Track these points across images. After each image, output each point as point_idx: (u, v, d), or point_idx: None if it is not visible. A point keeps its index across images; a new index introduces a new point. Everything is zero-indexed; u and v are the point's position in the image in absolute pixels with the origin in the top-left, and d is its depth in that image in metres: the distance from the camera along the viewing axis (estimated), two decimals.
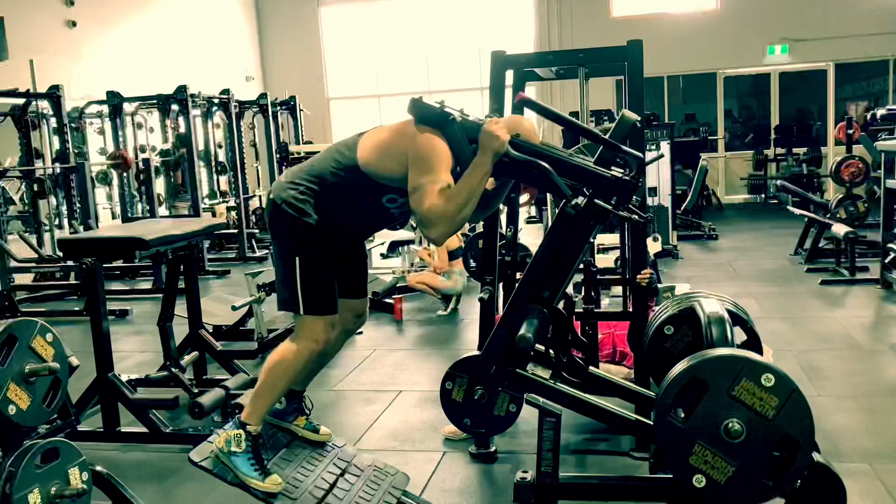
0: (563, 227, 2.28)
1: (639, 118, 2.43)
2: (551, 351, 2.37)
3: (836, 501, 2.10)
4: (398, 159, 2.36)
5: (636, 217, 2.32)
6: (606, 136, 2.31)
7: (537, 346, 2.38)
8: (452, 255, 6.39)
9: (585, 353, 2.54)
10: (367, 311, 2.90)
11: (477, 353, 2.66)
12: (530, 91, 12.91)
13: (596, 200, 2.22)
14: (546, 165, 2.24)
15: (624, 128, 2.34)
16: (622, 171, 2.26)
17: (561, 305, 2.42)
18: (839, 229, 6.98)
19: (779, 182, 10.39)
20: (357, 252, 2.74)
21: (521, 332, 2.19)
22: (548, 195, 7.18)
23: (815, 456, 2.06)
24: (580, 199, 2.24)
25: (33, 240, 7.96)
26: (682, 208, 10.11)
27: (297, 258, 2.45)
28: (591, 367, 2.52)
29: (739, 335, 2.58)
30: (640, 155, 2.27)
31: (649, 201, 8.00)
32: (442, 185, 2.26)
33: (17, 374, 2.46)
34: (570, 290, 4.97)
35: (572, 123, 2.41)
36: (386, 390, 4.56)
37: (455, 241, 6.40)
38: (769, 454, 1.89)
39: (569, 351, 2.39)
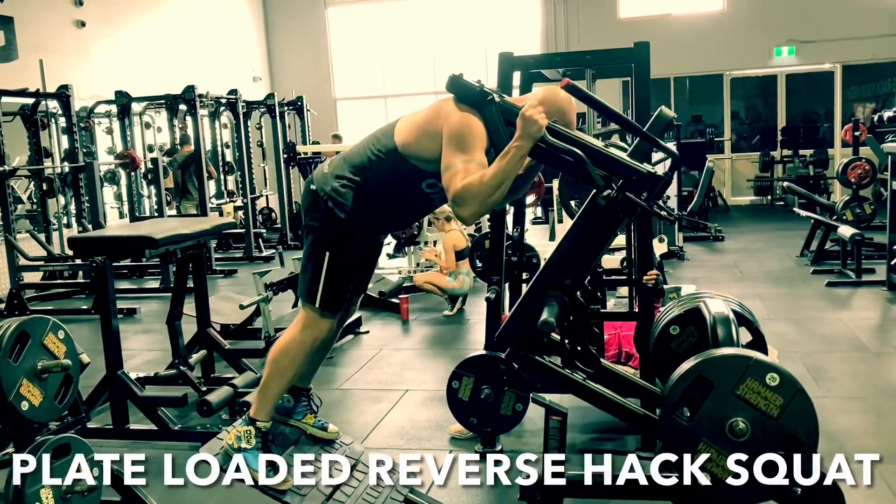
0: (592, 217, 2.28)
1: (675, 115, 2.43)
2: (566, 339, 2.37)
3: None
4: (435, 138, 2.33)
5: (665, 214, 2.32)
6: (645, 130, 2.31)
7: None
8: (460, 255, 6.40)
9: (596, 349, 2.55)
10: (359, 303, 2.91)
11: (484, 352, 2.68)
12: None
13: (627, 193, 2.22)
14: (582, 154, 2.22)
15: (661, 123, 2.34)
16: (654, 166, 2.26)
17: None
18: (845, 231, 6.98)
19: (785, 184, 10.37)
20: (378, 248, 2.77)
21: (544, 316, 2.19)
22: (554, 196, 7.20)
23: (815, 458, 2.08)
24: (611, 191, 2.24)
25: (42, 238, 8.01)
26: (689, 209, 10.11)
27: (328, 253, 2.47)
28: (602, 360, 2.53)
29: (745, 336, 2.60)
30: (676, 152, 2.27)
31: None
32: (476, 165, 2.23)
33: (30, 370, 2.50)
34: None
35: (616, 114, 2.38)
36: (393, 389, 4.58)
37: (462, 242, 6.42)
38: (774, 453, 1.91)
39: (584, 341, 2.39)
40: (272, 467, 2.50)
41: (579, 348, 2.38)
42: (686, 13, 13.71)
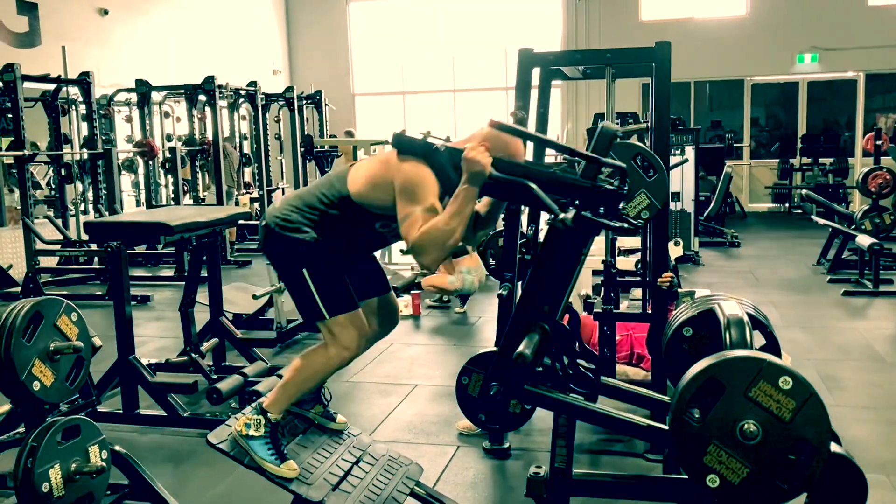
0: (555, 241, 2.30)
1: (619, 130, 2.47)
2: (556, 365, 2.39)
3: (857, 494, 2.10)
4: (386, 189, 2.40)
5: (626, 226, 2.35)
6: (588, 150, 2.33)
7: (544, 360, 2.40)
8: (458, 252, 6.34)
9: (597, 361, 2.54)
10: (398, 312, 2.92)
11: (493, 349, 2.67)
12: (555, 92, 12.83)
13: (582, 213, 2.24)
14: (529, 184, 2.26)
15: (605, 139, 2.37)
16: (611, 181, 2.27)
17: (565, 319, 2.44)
18: (864, 241, 6.92)
19: (804, 191, 10.29)
20: (364, 256, 2.78)
21: (520, 349, 2.21)
22: None
23: (836, 448, 2.06)
24: (570, 214, 2.25)
25: (59, 223, 8.07)
26: (705, 215, 10.06)
27: (305, 270, 2.49)
28: (602, 377, 2.52)
29: (759, 339, 2.57)
30: (623, 165, 2.28)
31: (672, 206, 7.96)
32: (430, 213, 2.30)
33: (43, 351, 2.51)
34: (589, 291, 4.97)
35: (548, 142, 2.49)
36: (402, 383, 4.58)
37: None
38: (784, 457, 1.89)
39: (574, 363, 2.41)
40: (279, 455, 2.51)
41: (571, 371, 2.39)
42: (708, 17, 13.64)
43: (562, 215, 2.23)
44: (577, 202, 2.28)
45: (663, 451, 3.30)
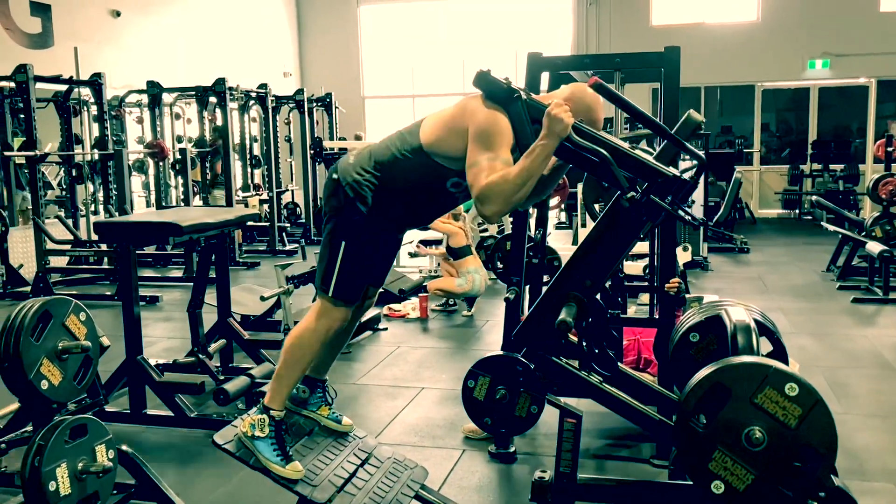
0: (615, 218, 2.26)
1: (703, 119, 2.40)
2: (583, 342, 2.36)
3: None
4: (461, 135, 2.33)
5: (689, 219, 2.29)
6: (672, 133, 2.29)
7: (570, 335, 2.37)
8: (462, 253, 6.28)
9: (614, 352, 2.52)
10: (376, 298, 2.89)
11: (501, 352, 2.67)
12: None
13: (652, 196, 2.20)
14: (608, 155, 2.20)
15: (689, 127, 2.32)
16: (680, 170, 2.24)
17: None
18: (874, 248, 6.88)
19: (814, 198, 10.25)
20: (397, 244, 2.77)
21: (562, 316, 2.17)
22: (578, 201, 7.17)
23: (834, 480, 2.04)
24: (635, 194, 2.21)
25: (69, 223, 8.12)
26: (715, 220, 10.01)
27: (344, 242, 2.47)
28: (620, 365, 2.50)
29: (766, 346, 2.56)
30: (703, 156, 2.25)
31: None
32: (501, 163, 2.23)
33: (51, 350, 2.52)
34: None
35: (644, 116, 2.34)
36: (408, 386, 4.59)
37: (462, 239, 6.30)
38: (790, 464, 1.88)
39: (601, 343, 2.37)
40: (284, 456, 2.51)
41: (597, 351, 2.36)
42: (720, 22, 13.61)
43: (630, 194, 2.20)
44: (645, 184, 2.23)
45: (669, 456, 3.29)
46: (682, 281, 3.57)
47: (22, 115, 7.80)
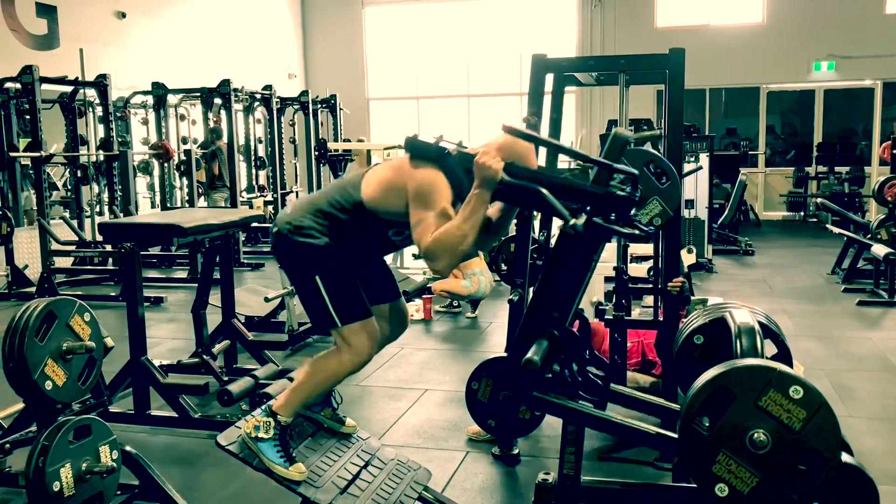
0: (565, 247, 2.30)
1: (631, 136, 2.46)
2: (566, 372, 2.38)
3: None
4: (399, 195, 2.41)
5: (638, 232, 2.34)
6: (601, 156, 2.33)
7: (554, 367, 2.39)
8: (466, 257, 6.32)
9: (607, 368, 2.53)
10: (408, 316, 2.90)
11: (504, 354, 2.67)
12: (569, 98, 12.81)
13: (594, 219, 2.24)
14: (541, 189, 2.26)
15: (617, 145, 2.36)
16: (623, 187, 2.27)
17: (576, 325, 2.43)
18: (879, 250, 6.86)
19: (819, 200, 10.23)
20: (375, 262, 2.79)
21: (528, 355, 2.20)
22: None
23: (847, 458, 2.04)
24: (580, 220, 2.25)
25: (74, 224, 8.14)
26: (719, 222, 10.01)
27: (318, 277, 2.50)
28: (612, 385, 2.51)
29: (770, 348, 2.56)
30: (635, 171, 2.27)
31: (685, 213, 7.93)
32: (442, 219, 2.31)
33: (55, 350, 2.53)
34: (601, 298, 4.96)
35: (561, 147, 2.46)
36: (412, 388, 4.58)
37: None
38: (794, 467, 1.88)
39: (584, 370, 2.40)
40: (288, 458, 2.51)
41: (580, 379, 2.38)
42: (724, 24, 13.60)
43: (572, 221, 2.23)
44: (588, 208, 2.27)
45: (673, 459, 3.28)
46: (685, 281, 3.56)
47: (27, 116, 7.83)
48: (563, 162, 5.21)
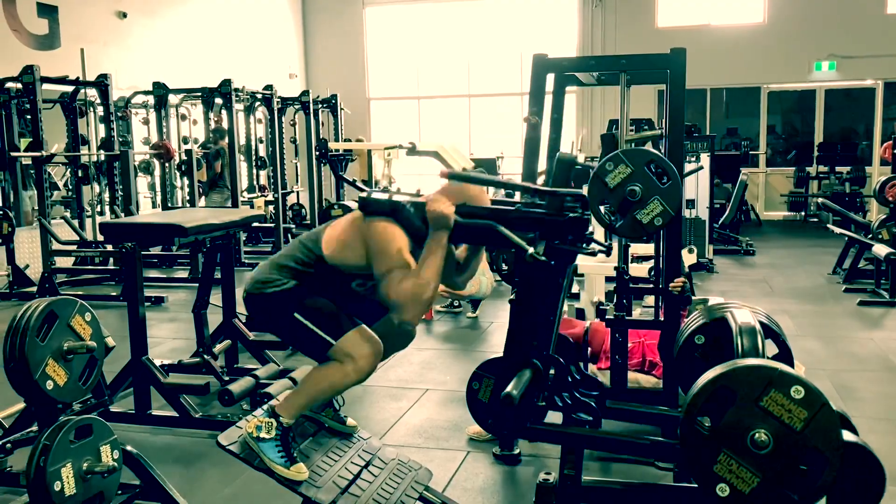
0: (530, 275, 2.31)
1: (576, 157, 2.50)
2: (555, 397, 2.39)
3: (875, 482, 2.09)
4: (358, 251, 2.48)
5: (599, 248, 2.40)
6: (548, 183, 2.36)
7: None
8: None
9: (599, 388, 2.53)
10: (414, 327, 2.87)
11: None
12: (570, 97, 12.83)
13: (550, 244, 2.25)
14: (494, 224, 2.30)
15: (562, 169, 2.38)
16: (575, 208, 2.28)
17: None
18: (880, 250, 6.86)
19: (820, 200, 10.22)
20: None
21: (507, 389, 2.20)
22: None
23: (851, 436, 2.04)
24: (540, 247, 2.25)
25: (75, 223, 8.14)
26: (720, 222, 10.01)
27: (297, 314, 2.53)
28: (608, 401, 2.51)
29: (771, 348, 2.55)
30: (582, 193, 2.30)
31: (686, 213, 7.93)
32: (405, 271, 2.35)
33: (56, 350, 2.53)
34: (602, 298, 4.95)
35: (504, 184, 2.57)
36: (413, 388, 4.59)
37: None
38: (795, 467, 1.87)
39: (572, 394, 2.41)
40: (289, 458, 2.51)
41: (571, 402, 2.39)
42: (725, 24, 13.59)
43: (531, 250, 2.23)
44: (545, 234, 2.30)
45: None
46: (686, 281, 3.56)
47: (28, 116, 7.82)
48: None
